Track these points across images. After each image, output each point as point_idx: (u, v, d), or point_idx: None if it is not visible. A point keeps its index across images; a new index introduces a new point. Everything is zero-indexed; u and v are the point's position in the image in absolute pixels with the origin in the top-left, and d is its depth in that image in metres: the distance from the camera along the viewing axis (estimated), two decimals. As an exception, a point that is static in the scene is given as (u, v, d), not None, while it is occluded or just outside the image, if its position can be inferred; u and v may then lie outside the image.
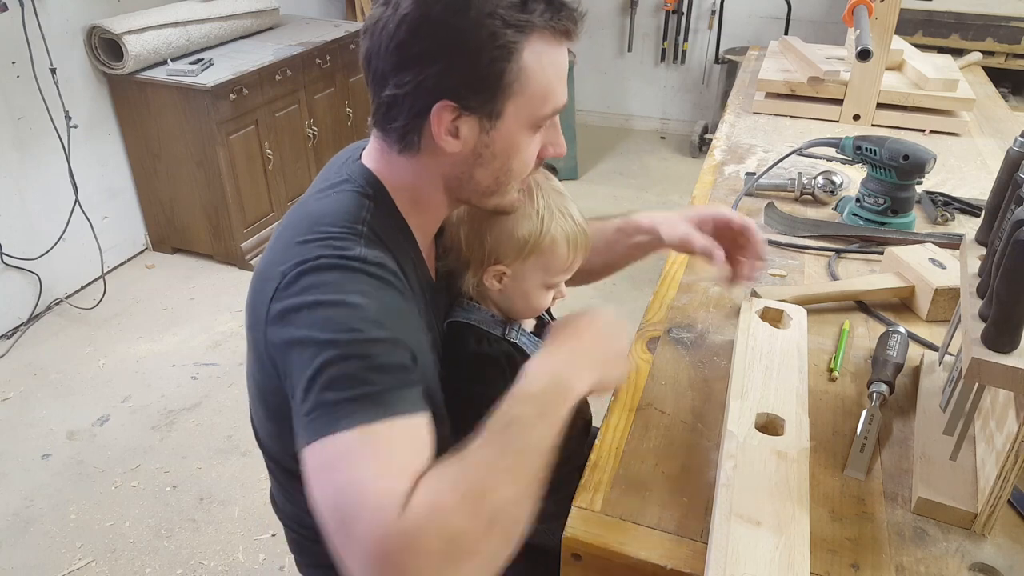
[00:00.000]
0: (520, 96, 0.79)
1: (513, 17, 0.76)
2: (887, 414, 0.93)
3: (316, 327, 0.71)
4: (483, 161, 0.83)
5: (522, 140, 0.83)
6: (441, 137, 0.79)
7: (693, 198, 1.52)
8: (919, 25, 2.62)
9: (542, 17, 0.77)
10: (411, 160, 0.84)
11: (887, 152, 1.30)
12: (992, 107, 2.09)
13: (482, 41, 0.75)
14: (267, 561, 1.82)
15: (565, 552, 0.78)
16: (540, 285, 0.96)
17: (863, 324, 1.11)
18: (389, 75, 0.78)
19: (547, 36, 0.79)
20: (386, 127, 0.83)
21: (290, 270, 0.75)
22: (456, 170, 0.84)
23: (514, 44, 0.76)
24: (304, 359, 0.70)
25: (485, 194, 0.87)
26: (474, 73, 0.76)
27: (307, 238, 0.77)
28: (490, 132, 0.80)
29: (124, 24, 2.63)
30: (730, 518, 0.71)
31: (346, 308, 0.72)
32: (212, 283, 2.97)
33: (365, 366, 0.69)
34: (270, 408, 0.88)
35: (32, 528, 1.90)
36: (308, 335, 0.71)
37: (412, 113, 0.79)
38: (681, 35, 4.25)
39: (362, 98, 3.61)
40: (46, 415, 2.28)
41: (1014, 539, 0.77)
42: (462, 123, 0.79)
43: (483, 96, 0.78)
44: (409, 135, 0.81)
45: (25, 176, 2.58)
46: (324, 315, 0.72)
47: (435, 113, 0.78)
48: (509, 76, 0.77)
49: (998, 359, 0.68)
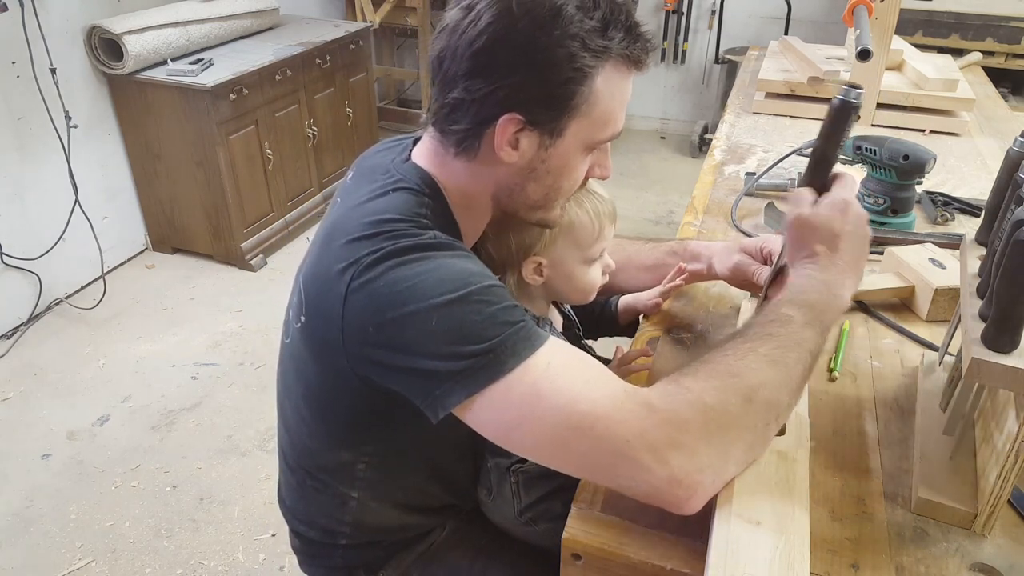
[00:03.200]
0: (585, 118, 0.80)
1: (593, 42, 0.76)
2: (887, 414, 0.93)
3: (427, 295, 0.71)
4: (537, 176, 0.83)
5: (576, 160, 0.84)
6: (502, 147, 0.79)
7: (693, 198, 1.52)
8: (919, 25, 2.62)
9: (620, 45, 0.78)
10: (466, 164, 0.84)
11: (887, 152, 1.30)
12: (992, 107, 2.09)
13: (560, 61, 0.75)
14: (267, 561, 1.82)
15: (565, 552, 0.78)
16: (580, 263, 0.99)
17: (863, 324, 1.11)
18: (460, 79, 0.78)
19: (621, 65, 0.80)
20: (446, 128, 0.82)
21: (366, 257, 0.74)
22: (510, 180, 0.84)
23: (590, 68, 0.77)
24: (426, 329, 0.70)
25: (533, 208, 0.87)
26: (546, 91, 0.77)
27: (369, 233, 0.76)
28: (548, 149, 0.81)
29: (124, 24, 2.63)
30: (730, 518, 0.71)
31: (447, 269, 0.73)
32: (212, 283, 2.96)
33: (499, 309, 0.71)
34: (322, 405, 0.88)
35: (32, 528, 1.90)
36: (420, 306, 0.70)
37: (477, 120, 0.79)
38: (681, 35, 4.25)
39: (362, 98, 3.61)
40: (46, 415, 2.28)
41: (1014, 539, 0.76)
42: (524, 136, 0.79)
43: (550, 114, 0.78)
44: (469, 140, 0.81)
45: (25, 176, 2.58)
46: (427, 284, 0.72)
47: (501, 124, 0.78)
48: (579, 99, 0.78)
49: (998, 359, 0.68)
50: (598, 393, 0.67)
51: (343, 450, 0.93)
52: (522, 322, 0.72)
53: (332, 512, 0.98)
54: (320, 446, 0.94)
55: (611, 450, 0.64)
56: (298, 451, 0.98)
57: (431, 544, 1.05)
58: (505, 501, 1.03)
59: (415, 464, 0.97)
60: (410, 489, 0.99)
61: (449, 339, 0.70)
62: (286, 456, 1.02)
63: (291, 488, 1.03)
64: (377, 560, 1.04)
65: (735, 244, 1.05)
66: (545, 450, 0.69)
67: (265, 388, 2.36)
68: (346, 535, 1.00)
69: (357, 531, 1.00)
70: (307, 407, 0.91)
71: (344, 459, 0.93)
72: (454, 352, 0.69)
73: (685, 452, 0.63)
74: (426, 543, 1.05)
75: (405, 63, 4.62)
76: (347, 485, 0.95)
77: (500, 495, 1.03)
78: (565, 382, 0.68)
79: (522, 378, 0.68)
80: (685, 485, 0.62)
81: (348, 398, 0.84)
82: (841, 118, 0.80)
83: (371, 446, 0.92)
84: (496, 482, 1.04)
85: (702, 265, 1.10)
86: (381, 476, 0.95)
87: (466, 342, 0.69)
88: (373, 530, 1.01)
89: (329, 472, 0.96)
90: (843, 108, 0.80)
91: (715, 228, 1.39)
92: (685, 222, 1.41)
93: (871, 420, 0.92)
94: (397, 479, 0.97)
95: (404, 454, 0.94)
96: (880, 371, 1.01)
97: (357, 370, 0.77)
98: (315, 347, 0.83)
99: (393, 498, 0.99)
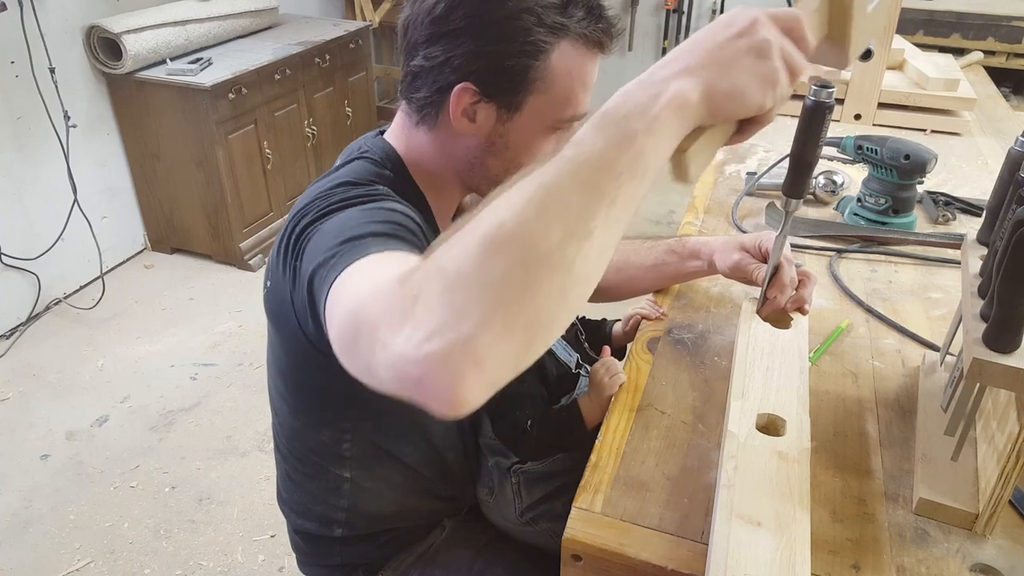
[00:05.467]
0: (543, 95, 0.80)
1: (550, 17, 0.77)
2: (888, 415, 0.93)
3: (331, 209, 0.73)
4: (496, 150, 0.84)
5: (538, 139, 0.84)
6: (457, 118, 0.80)
7: (694, 198, 1.51)
8: (920, 24, 2.61)
9: (579, 24, 0.78)
10: (428, 135, 0.85)
11: (888, 152, 1.30)
12: (993, 107, 2.08)
13: (514, 34, 0.76)
14: (266, 562, 1.82)
15: (565, 553, 0.78)
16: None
17: (864, 324, 1.11)
18: (420, 46, 0.80)
19: (579, 43, 0.80)
20: (410, 96, 0.84)
21: (308, 207, 0.75)
22: (469, 154, 0.85)
23: (545, 44, 0.77)
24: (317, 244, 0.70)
25: (495, 183, 0.86)
26: (500, 63, 0.78)
27: (322, 193, 0.77)
28: (506, 123, 0.82)
29: (123, 23, 2.63)
30: (731, 519, 0.71)
31: (368, 200, 0.74)
32: (211, 283, 2.96)
33: (367, 221, 0.69)
34: (295, 377, 0.90)
35: (31, 529, 1.90)
36: (326, 216, 0.72)
37: (435, 88, 0.80)
38: (682, 34, 4.24)
39: (361, 98, 3.60)
40: (45, 415, 2.28)
41: (1015, 540, 0.76)
42: (480, 108, 0.80)
43: (505, 87, 0.79)
44: (427, 108, 0.83)
45: (24, 176, 2.58)
46: (338, 199, 0.74)
47: (456, 93, 0.79)
48: (534, 73, 0.78)
49: (999, 359, 0.68)
50: (367, 284, 0.57)
51: (323, 428, 0.94)
52: (369, 236, 0.66)
53: (327, 497, 0.99)
54: (302, 424, 0.95)
55: (368, 333, 0.51)
56: (286, 434, 0.99)
57: (431, 545, 1.05)
58: (506, 501, 1.02)
59: (400, 443, 0.97)
60: (401, 469, 0.99)
61: (330, 241, 0.68)
62: (278, 445, 1.03)
63: (286, 479, 1.03)
64: (377, 560, 1.04)
65: (734, 240, 1.05)
66: (341, 351, 0.57)
67: (264, 388, 2.33)
68: (343, 523, 1.00)
69: (354, 517, 1.00)
70: (283, 381, 0.93)
71: (326, 437, 0.95)
72: (324, 256, 0.66)
73: (413, 323, 0.47)
74: (425, 544, 1.05)
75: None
76: (337, 465, 0.96)
77: (501, 495, 1.03)
78: (356, 283, 0.59)
79: (338, 281, 0.61)
80: (414, 360, 0.46)
81: (311, 366, 0.85)
82: (816, 119, 0.77)
83: (348, 422, 0.93)
84: (497, 482, 1.04)
85: (702, 262, 1.09)
86: (369, 453, 0.96)
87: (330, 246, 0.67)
88: (370, 519, 1.01)
89: (318, 454, 0.96)
90: (816, 109, 0.77)
91: (716, 228, 1.39)
92: (686, 222, 1.41)
93: (872, 420, 0.92)
94: (385, 458, 0.97)
95: (385, 430, 0.95)
96: (881, 371, 1.01)
97: (299, 315, 0.77)
98: (275, 311, 0.85)
99: (386, 478, 0.99)
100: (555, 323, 0.48)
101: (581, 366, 1.14)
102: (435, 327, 0.46)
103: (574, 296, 0.49)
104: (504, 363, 0.47)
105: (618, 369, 1.00)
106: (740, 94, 0.55)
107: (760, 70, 0.55)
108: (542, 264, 0.46)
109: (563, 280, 0.47)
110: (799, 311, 0.97)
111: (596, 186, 0.49)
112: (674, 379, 1.00)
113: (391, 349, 0.48)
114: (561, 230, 0.47)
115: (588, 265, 0.48)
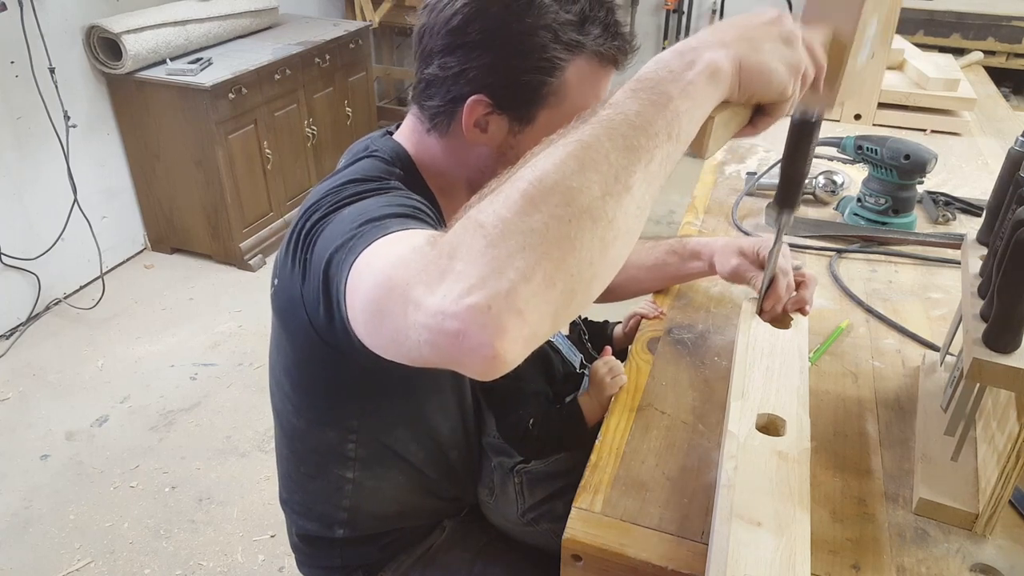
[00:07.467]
0: (555, 109, 0.80)
1: (566, 35, 0.77)
2: (888, 415, 0.93)
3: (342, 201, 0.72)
4: (506, 161, 0.84)
5: None
6: (469, 128, 0.81)
7: (694, 198, 1.51)
8: (920, 24, 2.61)
9: (595, 41, 0.79)
10: (439, 142, 0.85)
11: (888, 152, 1.30)
12: (993, 107, 2.08)
13: (530, 50, 0.76)
14: (266, 562, 1.82)
15: (565, 553, 0.78)
16: None
17: (864, 324, 1.11)
18: (435, 55, 0.80)
19: (594, 60, 0.80)
20: (423, 103, 0.84)
21: (318, 203, 0.75)
22: (481, 162, 0.85)
23: (560, 60, 0.78)
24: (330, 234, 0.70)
25: None
26: (515, 78, 0.78)
27: (332, 189, 0.77)
28: (518, 135, 0.82)
29: (123, 23, 2.63)
30: (731, 519, 0.71)
31: (379, 193, 0.74)
32: (211, 283, 2.96)
33: (388, 202, 0.70)
34: (302, 375, 0.89)
35: (31, 529, 1.90)
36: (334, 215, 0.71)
37: (448, 97, 0.81)
38: (682, 34, 4.24)
39: (361, 98, 3.60)
40: (45, 415, 2.28)
41: (1015, 540, 0.76)
42: (492, 120, 0.81)
43: (519, 101, 0.79)
44: (440, 116, 0.83)
45: (24, 176, 2.58)
46: (349, 192, 0.74)
47: (469, 104, 0.79)
48: (548, 89, 0.79)
49: (999, 359, 0.68)
50: (394, 254, 0.56)
51: (328, 427, 0.94)
52: (396, 214, 0.67)
53: (329, 497, 0.99)
54: (306, 424, 0.95)
55: (399, 298, 0.51)
56: (288, 434, 0.99)
57: (430, 546, 1.05)
58: (508, 501, 1.02)
59: (407, 441, 0.97)
60: (406, 469, 0.99)
61: (347, 225, 0.67)
62: (280, 445, 1.02)
63: (288, 478, 1.03)
64: (377, 562, 1.04)
65: (734, 244, 1.05)
66: (367, 324, 0.58)
67: (264, 388, 2.33)
68: (344, 523, 1.00)
69: (355, 518, 1.00)
70: (288, 381, 0.92)
71: (331, 438, 0.94)
72: (342, 241, 0.66)
73: (453, 277, 0.47)
74: (425, 545, 1.05)
75: (405, 62, 4.61)
76: (341, 466, 0.96)
77: (503, 495, 1.03)
78: (380, 258, 0.59)
79: (359, 261, 0.61)
80: (453, 313, 0.46)
81: (319, 363, 0.85)
82: (803, 135, 0.77)
83: (355, 420, 0.93)
84: (499, 482, 1.04)
85: (702, 263, 1.10)
86: (374, 453, 0.95)
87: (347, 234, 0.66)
88: (371, 519, 1.01)
89: (321, 454, 0.96)
90: (803, 126, 0.76)
91: (716, 228, 1.39)
92: (686, 222, 1.41)
93: (872, 420, 0.92)
94: (390, 457, 0.97)
95: (392, 428, 0.95)
96: (881, 371, 1.01)
97: (309, 308, 0.75)
98: (282, 307, 0.84)
99: (390, 479, 0.99)
100: (596, 278, 0.49)
101: (585, 367, 1.14)
102: (476, 280, 0.46)
103: (614, 250, 0.49)
104: (545, 316, 0.47)
105: (620, 370, 1.00)
106: (769, 71, 0.58)
107: (788, 56, 0.59)
108: (584, 216, 0.47)
109: (604, 232, 0.48)
110: (800, 312, 0.97)
111: (635, 144, 0.50)
112: (674, 379, 1.00)
113: (427, 307, 0.48)
114: (601, 184, 0.48)
115: (628, 219, 0.49)
